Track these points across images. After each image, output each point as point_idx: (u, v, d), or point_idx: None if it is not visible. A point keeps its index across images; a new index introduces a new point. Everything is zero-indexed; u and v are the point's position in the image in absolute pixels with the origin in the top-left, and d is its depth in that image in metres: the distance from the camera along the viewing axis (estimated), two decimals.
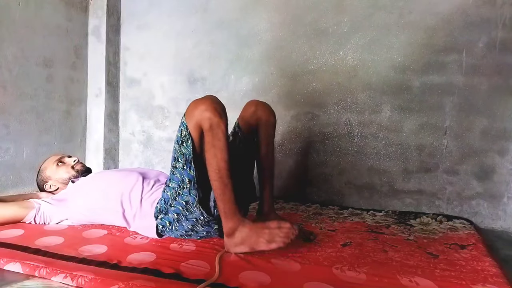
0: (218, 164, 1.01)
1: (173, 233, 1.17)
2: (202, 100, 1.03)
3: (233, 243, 1.03)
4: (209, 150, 1.02)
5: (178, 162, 1.09)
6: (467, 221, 1.55)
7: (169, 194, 1.13)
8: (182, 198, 1.10)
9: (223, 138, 1.01)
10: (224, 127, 1.01)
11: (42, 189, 1.45)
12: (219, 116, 1.00)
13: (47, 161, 1.47)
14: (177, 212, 1.12)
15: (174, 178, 1.11)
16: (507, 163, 1.64)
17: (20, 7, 1.85)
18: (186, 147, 1.06)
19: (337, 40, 1.89)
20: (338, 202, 1.88)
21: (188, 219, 1.12)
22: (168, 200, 1.13)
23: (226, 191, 1.02)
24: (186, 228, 1.14)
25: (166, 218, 1.15)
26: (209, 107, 1.00)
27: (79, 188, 1.33)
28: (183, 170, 1.08)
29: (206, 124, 1.00)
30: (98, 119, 2.30)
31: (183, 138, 1.06)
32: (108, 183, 1.31)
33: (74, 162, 1.46)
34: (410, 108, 1.77)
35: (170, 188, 1.12)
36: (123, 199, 1.24)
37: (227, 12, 2.11)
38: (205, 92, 2.17)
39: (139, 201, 1.23)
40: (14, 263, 0.93)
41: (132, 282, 0.81)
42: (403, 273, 0.93)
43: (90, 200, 1.28)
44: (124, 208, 1.24)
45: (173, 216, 1.13)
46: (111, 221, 1.29)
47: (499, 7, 1.62)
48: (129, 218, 1.24)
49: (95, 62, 2.29)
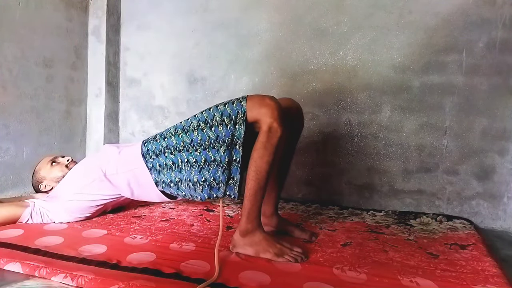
0: (261, 166, 1.01)
1: (159, 175, 1.17)
2: (270, 100, 1.03)
3: (242, 243, 1.04)
4: (259, 149, 1.01)
5: (209, 129, 1.06)
6: (467, 221, 1.54)
7: (175, 142, 1.12)
8: (187, 156, 1.09)
9: (276, 144, 1.01)
10: (281, 135, 1.01)
11: (38, 190, 1.48)
12: (280, 123, 1.00)
13: (41, 162, 1.51)
14: (174, 161, 1.12)
15: (192, 136, 1.09)
16: (507, 163, 1.64)
17: (20, 7, 1.85)
18: (237, 129, 1.04)
19: (337, 40, 1.89)
20: (338, 202, 1.88)
21: (181, 173, 1.11)
22: (171, 146, 1.13)
23: (259, 193, 1.03)
24: (173, 178, 1.14)
25: (156, 160, 1.16)
26: (276, 111, 1.00)
27: (64, 180, 1.40)
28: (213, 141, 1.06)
29: (266, 126, 1.00)
30: (98, 119, 2.30)
31: (237, 120, 1.04)
32: (83, 161, 1.41)
33: (68, 161, 1.49)
34: (410, 108, 1.77)
35: (179, 139, 1.11)
36: (101, 162, 1.30)
37: (227, 12, 2.11)
38: (205, 92, 2.18)
39: (117, 154, 1.29)
40: (14, 263, 0.93)
41: (132, 282, 0.81)
42: (404, 273, 0.93)
43: (74, 183, 1.34)
44: (104, 171, 1.28)
45: (167, 162, 1.13)
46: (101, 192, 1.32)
47: (499, 7, 1.62)
48: (112, 174, 1.28)
49: (95, 62, 2.29)
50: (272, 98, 1.04)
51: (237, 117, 1.04)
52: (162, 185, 1.18)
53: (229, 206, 1.71)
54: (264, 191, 1.04)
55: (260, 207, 1.05)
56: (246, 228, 1.04)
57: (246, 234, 1.04)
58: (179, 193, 1.17)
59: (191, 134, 1.09)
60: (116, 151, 1.31)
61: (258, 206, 1.04)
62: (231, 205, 1.73)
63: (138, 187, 1.26)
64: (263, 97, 1.04)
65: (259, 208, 1.05)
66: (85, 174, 1.32)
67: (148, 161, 1.18)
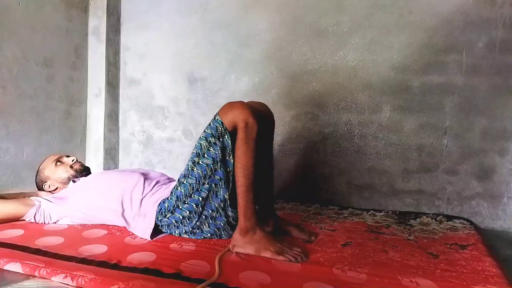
0: (247, 161, 1.04)
1: (178, 229, 1.17)
2: (238, 102, 1.08)
3: (242, 242, 1.04)
4: (241, 146, 1.05)
5: (203, 157, 1.11)
6: (467, 221, 1.54)
7: (183, 190, 1.14)
8: (200, 195, 1.12)
9: (255, 138, 1.05)
10: (257, 129, 1.05)
11: (41, 189, 1.46)
12: (255, 117, 1.05)
13: (45, 161, 1.47)
14: (190, 209, 1.14)
15: (193, 174, 1.12)
16: (507, 163, 1.64)
17: (20, 7, 1.85)
18: (223, 141, 1.09)
19: (337, 40, 1.89)
20: (338, 202, 1.88)
21: (201, 215, 1.14)
22: (181, 196, 1.14)
23: (250, 189, 1.05)
24: (194, 225, 1.15)
25: (172, 217, 1.16)
26: (246, 108, 1.05)
27: (80, 187, 1.34)
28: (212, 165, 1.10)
29: (242, 123, 1.04)
30: (98, 119, 2.30)
31: (219, 133, 1.08)
32: (109, 183, 1.32)
33: (73, 161, 1.47)
34: (410, 108, 1.77)
35: (185, 185, 1.14)
36: (124, 198, 1.25)
37: (227, 12, 2.11)
38: (205, 92, 2.18)
39: (139, 200, 1.24)
40: (14, 263, 0.93)
41: (132, 282, 0.81)
42: (404, 274, 0.93)
43: (91, 199, 1.29)
44: (124, 208, 1.25)
45: (183, 214, 1.14)
46: (111, 220, 1.29)
47: (499, 7, 1.62)
48: (129, 218, 1.25)
49: (95, 62, 2.29)
50: (239, 101, 1.09)
51: (217, 131, 1.08)
52: (187, 235, 1.18)
53: None
54: (255, 186, 1.06)
55: (254, 204, 1.06)
56: (245, 226, 1.04)
57: (246, 232, 1.04)
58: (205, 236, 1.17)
59: (192, 173, 1.13)
60: (141, 191, 1.25)
61: (252, 202, 1.06)
62: None
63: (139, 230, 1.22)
64: (231, 103, 1.09)
65: (254, 204, 1.06)
66: (105, 198, 1.27)
67: (163, 220, 1.17)
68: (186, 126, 2.25)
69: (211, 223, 1.14)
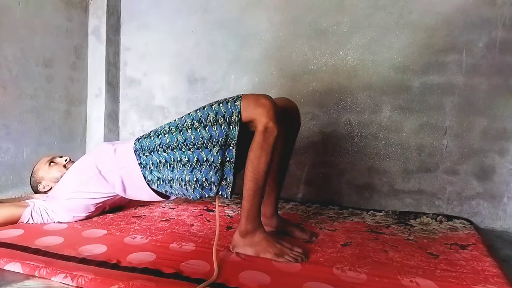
0: (259, 166, 1.00)
1: (151, 174, 1.18)
2: (266, 100, 1.01)
3: (242, 243, 1.04)
4: (255, 150, 1.00)
5: (203, 128, 1.05)
6: (467, 221, 1.55)
7: (168, 140, 1.11)
8: (180, 155, 1.08)
9: (273, 144, 1.00)
10: (277, 134, 1.00)
11: (36, 190, 1.48)
12: (276, 122, 0.99)
13: (39, 163, 1.51)
14: (167, 159, 1.12)
15: (185, 134, 1.08)
16: (507, 163, 1.64)
17: (20, 7, 1.85)
18: (231, 129, 1.02)
19: (337, 40, 1.89)
20: (338, 202, 1.88)
21: (173, 172, 1.11)
22: (164, 144, 1.12)
23: (257, 194, 1.02)
24: (166, 176, 1.14)
25: (149, 157, 1.16)
26: (271, 110, 0.99)
27: (62, 179, 1.40)
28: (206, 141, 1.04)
29: (261, 126, 0.99)
30: (98, 119, 2.30)
31: (232, 120, 1.02)
32: (79, 160, 1.40)
33: (66, 161, 1.49)
34: (410, 108, 1.77)
35: (173, 137, 1.10)
36: (96, 160, 1.31)
37: (227, 12, 2.11)
38: (205, 92, 2.18)
39: (112, 151, 1.29)
40: (14, 263, 0.93)
41: (132, 282, 0.81)
42: (404, 274, 0.93)
43: (71, 181, 1.34)
44: (99, 168, 1.29)
45: (160, 159, 1.13)
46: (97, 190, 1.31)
47: (499, 7, 1.62)
48: (107, 172, 1.28)
49: (95, 62, 2.29)
50: (268, 97, 1.03)
51: (231, 117, 1.02)
52: (156, 183, 1.18)
53: (229, 206, 1.71)
54: (263, 191, 1.04)
55: (259, 207, 1.05)
56: (246, 229, 1.04)
57: (246, 234, 1.04)
58: (172, 191, 1.17)
59: (185, 132, 1.08)
60: (111, 148, 1.31)
61: (257, 206, 1.04)
62: (231, 205, 1.73)
63: (130, 185, 1.26)
64: (258, 97, 1.03)
65: (259, 208, 1.05)
66: (81, 172, 1.33)
67: (142, 157, 1.19)
68: None
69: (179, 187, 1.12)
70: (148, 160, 1.17)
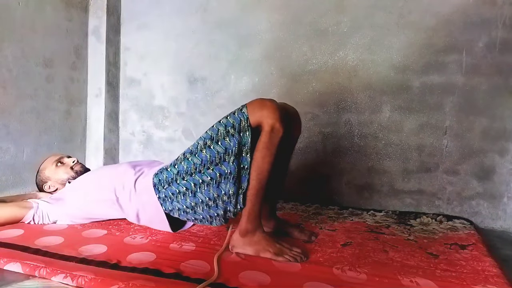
0: (263, 166, 1.02)
1: (172, 204, 1.15)
2: (270, 102, 1.03)
3: (242, 243, 1.04)
4: (261, 150, 1.02)
5: (216, 144, 1.05)
6: (467, 221, 1.54)
7: (185, 166, 1.11)
8: (201, 177, 1.08)
9: (278, 144, 1.02)
10: (282, 135, 1.01)
11: (41, 189, 1.46)
12: (282, 123, 1.01)
13: (46, 161, 1.47)
14: (187, 186, 1.10)
15: (201, 155, 1.08)
16: (507, 163, 1.64)
17: (20, 7, 1.85)
18: (243, 136, 1.04)
19: (337, 40, 1.89)
20: (338, 202, 1.88)
21: (196, 197, 1.10)
22: (182, 172, 1.11)
23: (260, 193, 1.03)
24: (188, 204, 1.12)
25: (169, 189, 1.14)
26: (277, 111, 1.01)
27: (74, 186, 1.36)
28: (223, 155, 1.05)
29: (268, 126, 1.01)
30: (98, 119, 2.30)
31: (241, 128, 1.03)
32: (100, 175, 1.35)
33: (73, 163, 1.46)
34: (410, 108, 1.77)
35: (190, 162, 1.10)
36: (116, 185, 1.25)
37: (227, 12, 2.11)
38: (205, 92, 2.18)
39: (132, 183, 1.23)
40: (14, 263, 0.93)
41: (132, 282, 0.81)
42: (404, 274, 0.93)
43: (85, 194, 1.30)
44: (117, 196, 1.25)
45: (180, 189, 1.12)
46: (108, 212, 1.29)
47: (499, 7, 1.62)
48: (125, 202, 1.24)
49: (95, 62, 2.29)
50: (272, 100, 1.05)
51: (240, 124, 1.03)
52: (178, 213, 1.16)
53: None
54: (265, 190, 1.04)
55: (260, 207, 1.05)
56: (246, 228, 1.04)
57: (246, 234, 1.04)
58: (196, 217, 1.15)
59: (200, 154, 1.08)
60: (132, 177, 1.25)
61: (259, 206, 1.04)
62: None
63: (145, 218, 1.23)
64: (263, 100, 1.05)
65: (260, 208, 1.05)
66: (98, 190, 1.28)
67: (161, 191, 1.16)
68: (186, 126, 2.25)
69: (205, 209, 1.11)
70: (167, 192, 1.15)
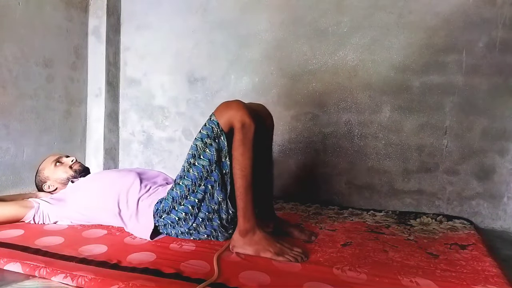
0: (244, 162, 1.03)
1: (174, 229, 1.16)
2: (235, 101, 1.06)
3: (242, 243, 1.04)
4: (238, 147, 1.03)
5: (198, 159, 1.08)
6: (467, 221, 1.54)
7: (179, 192, 1.12)
8: (195, 196, 1.10)
9: (252, 138, 1.03)
10: (254, 129, 1.03)
11: (41, 189, 1.46)
12: (251, 117, 1.03)
13: (45, 161, 1.47)
14: (186, 211, 1.12)
15: (189, 176, 1.10)
16: (507, 163, 1.64)
17: (20, 7, 1.85)
18: (219, 142, 1.06)
19: (337, 40, 1.89)
20: (338, 202, 1.88)
21: (197, 217, 1.12)
22: (177, 198, 1.13)
23: (249, 190, 1.04)
24: (190, 226, 1.14)
25: (168, 218, 1.15)
26: (243, 108, 1.03)
27: (78, 187, 1.35)
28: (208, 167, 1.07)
29: (238, 123, 1.02)
30: (98, 119, 2.30)
31: (215, 134, 1.06)
32: (105, 182, 1.32)
33: (72, 162, 1.46)
34: (410, 108, 1.77)
35: (181, 186, 1.12)
36: (120, 199, 1.24)
37: (227, 12, 2.11)
38: (205, 92, 2.18)
39: (136, 201, 1.23)
40: (14, 263, 0.93)
41: (132, 282, 0.81)
42: (404, 274, 0.93)
43: (88, 199, 1.29)
44: (120, 209, 1.24)
45: (179, 215, 1.13)
46: (108, 221, 1.29)
47: (499, 7, 1.62)
48: (125, 218, 1.24)
49: (95, 62, 2.29)
50: (236, 99, 1.07)
51: (213, 132, 1.06)
52: (182, 236, 1.17)
53: None
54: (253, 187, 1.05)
55: (253, 204, 1.05)
56: (245, 228, 1.04)
57: (246, 233, 1.04)
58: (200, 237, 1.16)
59: (188, 175, 1.10)
60: (137, 195, 1.24)
61: (251, 204, 1.05)
62: None
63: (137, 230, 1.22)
64: (227, 102, 1.07)
65: (253, 205, 1.05)
66: (102, 199, 1.27)
67: (159, 220, 1.17)
68: (186, 126, 2.25)
69: (207, 224, 1.13)
70: (166, 221, 1.16)
